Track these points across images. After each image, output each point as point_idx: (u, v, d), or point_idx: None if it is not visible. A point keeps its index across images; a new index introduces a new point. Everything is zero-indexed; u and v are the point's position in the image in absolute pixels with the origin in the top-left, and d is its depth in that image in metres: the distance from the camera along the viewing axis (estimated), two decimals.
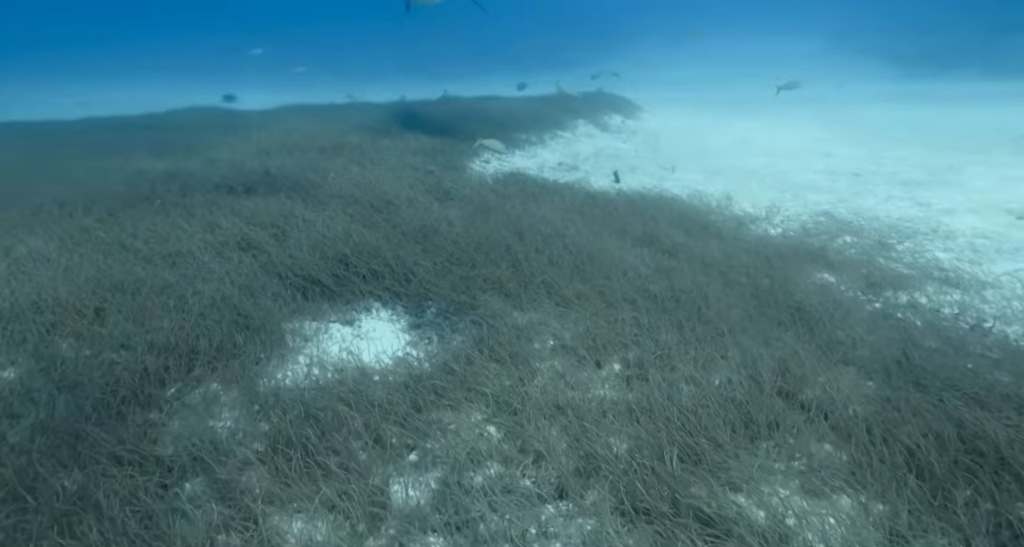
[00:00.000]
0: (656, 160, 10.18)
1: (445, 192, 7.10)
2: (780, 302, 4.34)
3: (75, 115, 12.31)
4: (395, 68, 34.65)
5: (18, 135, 9.62)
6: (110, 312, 3.89)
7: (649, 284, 4.59)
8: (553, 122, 12.13)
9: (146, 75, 29.92)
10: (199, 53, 35.34)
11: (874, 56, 27.73)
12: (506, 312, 4.32)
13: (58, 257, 4.58)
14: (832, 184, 8.23)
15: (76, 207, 5.71)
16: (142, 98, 21.01)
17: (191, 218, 5.41)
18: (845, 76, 23.43)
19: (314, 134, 8.81)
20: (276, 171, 6.79)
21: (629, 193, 7.48)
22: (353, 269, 4.77)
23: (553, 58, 33.23)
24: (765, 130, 12.78)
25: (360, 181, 6.76)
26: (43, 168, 7.25)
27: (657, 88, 22.35)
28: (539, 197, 6.98)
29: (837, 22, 32.65)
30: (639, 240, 5.68)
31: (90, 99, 19.14)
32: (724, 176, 8.96)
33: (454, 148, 9.19)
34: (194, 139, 8.54)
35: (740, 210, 7.13)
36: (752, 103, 17.58)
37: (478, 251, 5.13)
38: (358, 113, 11.82)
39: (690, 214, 6.61)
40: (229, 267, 4.53)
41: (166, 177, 6.63)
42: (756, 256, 5.33)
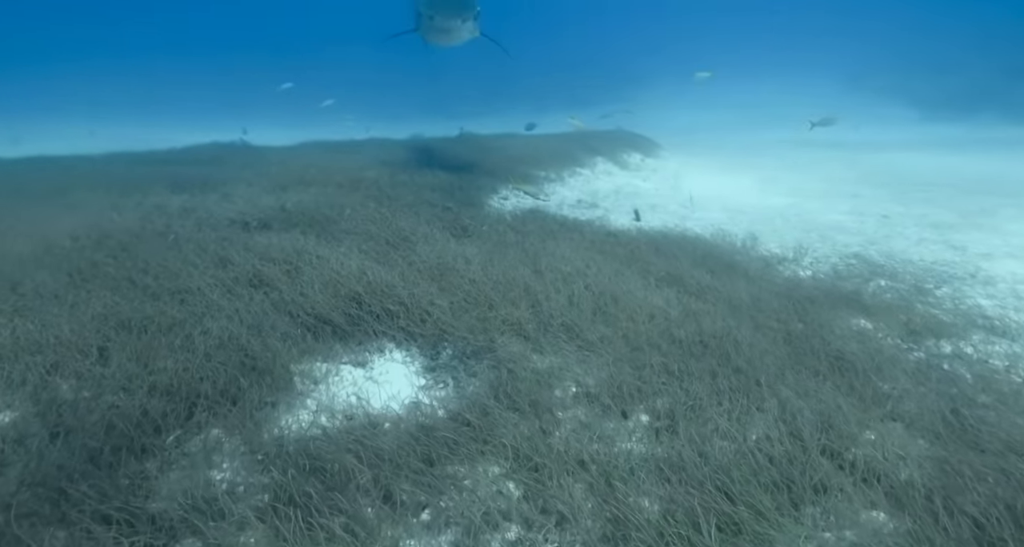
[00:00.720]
0: (677, 199, 10.02)
1: (463, 228, 6.96)
2: (817, 349, 4.10)
3: (88, 146, 12.44)
4: (413, 106, 35.13)
5: (39, 169, 9.67)
6: (114, 351, 3.73)
7: (676, 328, 4.37)
8: (572, 159, 12.05)
9: (171, 108, 30.53)
10: (223, 87, 36.08)
11: (891, 97, 27.68)
12: (525, 356, 4.12)
13: (65, 293, 4.45)
14: (860, 226, 8.00)
15: (89, 241, 5.62)
16: (160, 131, 21.36)
17: (203, 253, 5.29)
18: (863, 118, 23.33)
19: (331, 169, 8.76)
20: (292, 206, 6.69)
21: (651, 232, 7.29)
22: (367, 308, 4.60)
23: (568, 97, 33.52)
24: (786, 170, 12.62)
25: (376, 217, 6.64)
26: (60, 201, 7.21)
27: (672, 128, 22.38)
28: (558, 235, 6.82)
29: (852, 62, 32.74)
30: (663, 280, 5.47)
31: (101, 129, 19.45)
32: (747, 215, 8.77)
33: (472, 184, 9.09)
34: (212, 174, 8.51)
35: (766, 250, 6.91)
36: (771, 144, 17.49)
37: (496, 290, 4.94)
38: (376, 149, 11.82)
39: (715, 254, 6.40)
40: (239, 305, 4.37)
41: (181, 212, 6.56)
42: (787, 299, 5.10)
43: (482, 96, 36.75)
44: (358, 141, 13.22)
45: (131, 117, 28.66)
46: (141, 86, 36.23)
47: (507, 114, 33.01)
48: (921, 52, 30.68)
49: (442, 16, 7.64)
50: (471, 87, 37.54)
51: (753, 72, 37.10)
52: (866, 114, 23.92)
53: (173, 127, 25.21)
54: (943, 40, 30.89)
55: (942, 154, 15.19)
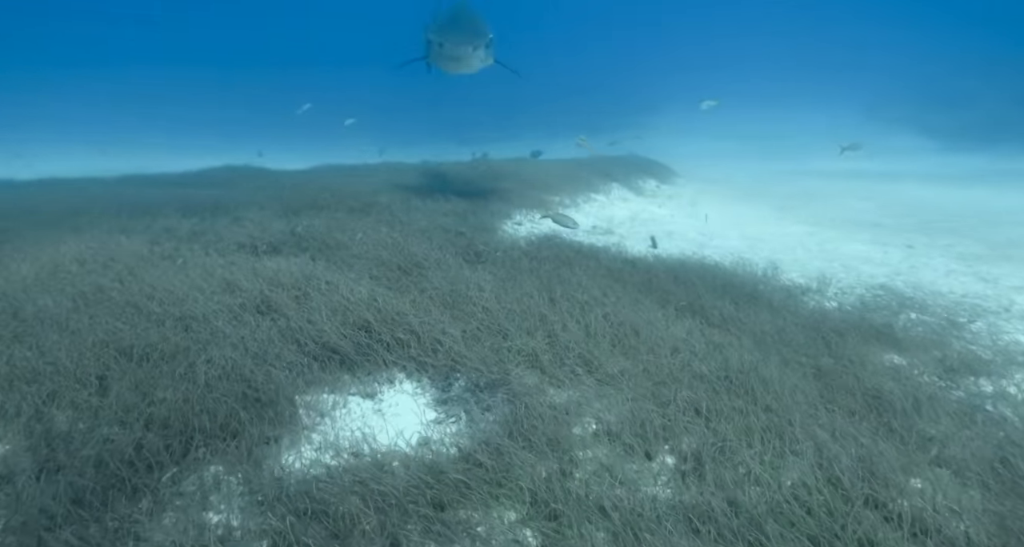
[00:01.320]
0: (694, 226, 9.85)
1: (476, 254, 6.81)
2: (850, 387, 3.87)
3: (100, 165, 12.48)
4: (426, 131, 35.36)
5: (52, 191, 9.66)
6: (113, 381, 3.56)
7: (699, 362, 4.16)
8: (586, 185, 11.93)
9: (186, 129, 30.85)
10: (240, 107, 36.54)
11: (907, 127, 27.52)
12: (541, 389, 3.92)
13: (67, 319, 4.31)
14: (884, 256, 7.78)
15: (95, 265, 5.51)
16: (174, 152, 21.52)
17: (210, 278, 5.15)
18: (879, 148, 23.16)
19: (344, 193, 8.67)
20: (302, 231, 6.58)
21: (669, 259, 7.11)
22: (376, 336, 4.43)
23: (580, 122, 33.57)
24: (803, 199, 12.43)
25: (388, 242, 6.50)
26: (70, 224, 7.13)
27: (685, 155, 22.30)
28: (573, 262, 6.65)
29: (867, 93, 32.69)
30: (683, 311, 5.27)
31: (113, 148, 19.59)
32: (767, 244, 8.57)
33: (485, 210, 8.97)
34: (223, 198, 8.44)
35: (788, 280, 6.71)
36: (787, 173, 17.36)
37: (510, 319, 4.76)
38: (389, 173, 11.76)
39: (736, 283, 6.20)
40: (245, 332, 4.21)
41: (191, 236, 6.45)
42: (813, 332, 4.88)
43: (494, 121, 36.99)
44: (371, 165, 13.19)
45: (145, 137, 28.98)
46: (156, 105, 36.75)
47: (520, 139, 33.14)
48: (935, 83, 30.61)
49: (452, 44, 7.36)
50: (484, 112, 37.81)
51: (767, 102, 37.18)
52: (882, 144, 23.73)
53: (187, 149, 25.46)
54: (956, 72, 30.84)
55: (963, 185, 14.95)
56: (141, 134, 29.65)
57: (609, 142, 19.50)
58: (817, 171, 17.54)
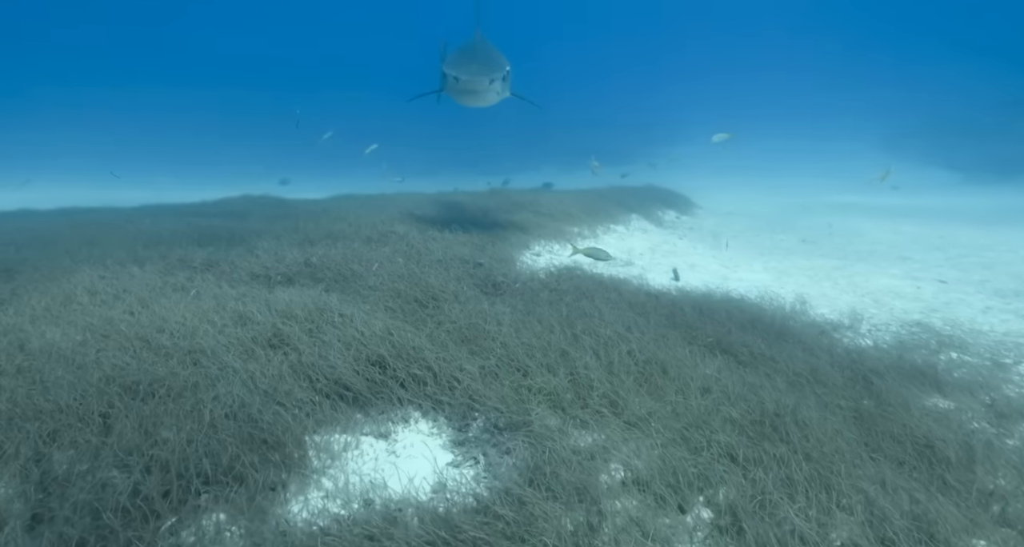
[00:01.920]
0: (716, 258, 9.62)
1: (494, 286, 6.64)
2: (896, 434, 3.61)
3: (111, 188, 12.54)
4: (443, 160, 35.63)
5: (71, 221, 9.66)
6: (117, 419, 3.40)
7: (732, 404, 3.92)
8: (606, 216, 11.78)
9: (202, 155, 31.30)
10: (265, 135, 37.12)
11: (928, 160, 27.23)
12: (564, 431, 3.71)
13: (74, 352, 4.16)
14: (917, 291, 7.50)
15: (107, 296, 5.39)
16: (192, 179, 21.73)
17: (222, 310, 5.01)
18: (901, 181, 22.90)
19: (360, 223, 8.57)
20: (317, 261, 6.45)
21: (693, 293, 6.88)
22: (391, 373, 4.24)
23: (596, 152, 33.66)
24: (827, 231, 12.17)
25: (405, 273, 6.35)
26: (86, 254, 7.07)
27: (703, 186, 22.16)
28: (594, 294, 6.45)
29: (887, 126, 32.49)
30: (712, 348, 5.04)
31: (125, 172, 19.76)
32: (793, 277, 8.33)
33: (504, 240, 8.82)
34: (239, 228, 8.37)
35: (818, 315, 6.45)
36: (808, 206, 17.12)
37: (530, 355, 4.56)
38: (406, 202, 11.69)
39: (764, 319, 5.96)
40: (255, 368, 4.04)
41: (204, 266, 6.34)
42: (850, 372, 4.64)
43: (512, 151, 37.20)
44: (388, 194, 13.15)
45: (168, 166, 29.41)
46: (179, 131, 37.44)
47: (537, 170, 33.31)
48: (955, 117, 30.37)
49: (468, 77, 7.08)
50: (501, 142, 38.07)
51: (785, 134, 37.15)
52: (904, 177, 23.47)
53: (209, 177, 25.74)
54: (976, 105, 30.58)
55: (990, 218, 14.60)
56: (165, 163, 30.11)
57: (621, 174, 19.39)
58: (838, 203, 17.30)
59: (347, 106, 44.75)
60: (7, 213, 10.88)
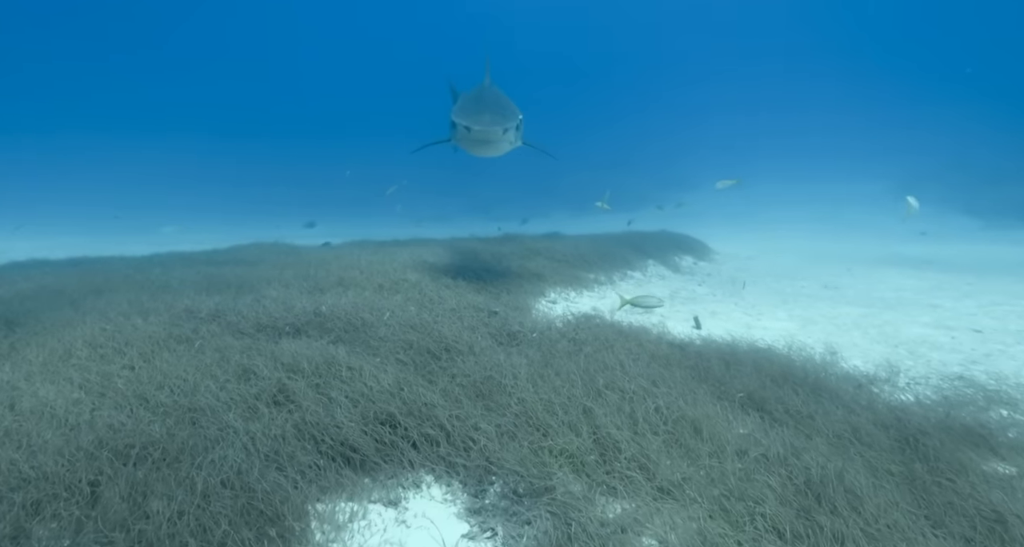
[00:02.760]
0: (738, 305, 9.32)
1: (509, 336, 6.38)
2: (958, 506, 3.27)
3: (112, 230, 12.51)
4: (456, 206, 35.83)
5: (79, 270, 9.55)
6: (106, 488, 3.13)
7: (772, 468, 3.60)
8: (622, 261, 11.55)
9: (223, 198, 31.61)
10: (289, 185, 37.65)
11: (948, 206, 26.96)
12: (590, 499, 3.40)
13: (67, 413, 3.93)
14: (953, 342, 7.15)
15: (108, 349, 5.18)
16: (208, 223, 21.80)
17: (226, 364, 4.78)
18: (921, 227, 22.63)
19: (372, 271, 8.38)
20: (327, 310, 6.23)
21: (718, 342, 6.58)
22: (402, 432, 3.97)
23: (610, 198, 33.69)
24: (849, 278, 11.86)
25: (417, 323, 6.11)
26: (91, 304, 6.88)
27: (716, 231, 21.97)
28: (615, 344, 6.16)
29: (903, 172, 32.35)
30: (744, 404, 4.73)
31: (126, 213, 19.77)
32: (819, 325, 8.00)
33: (518, 287, 8.60)
34: (248, 276, 8.20)
35: (851, 367, 6.12)
36: (827, 250, 16.85)
37: (550, 412, 4.27)
38: (419, 248, 11.54)
39: (795, 372, 5.63)
40: (257, 427, 3.78)
41: (211, 316, 6.13)
42: (896, 431, 4.30)
43: (523, 197, 37.40)
44: (400, 240, 13.03)
45: (176, 206, 29.67)
46: (197, 178, 37.95)
47: (548, 215, 33.34)
48: (977, 161, 30.25)
49: (481, 126, 6.69)
50: (512, 188, 38.31)
51: (800, 177, 37.13)
52: (924, 223, 23.22)
53: (226, 223, 25.88)
54: (999, 149, 30.48)
55: (1018, 265, 14.25)
56: (193, 211, 30.43)
57: (627, 221, 19.24)
58: (857, 248, 17.00)
59: (363, 152, 45.55)
60: (18, 263, 10.80)
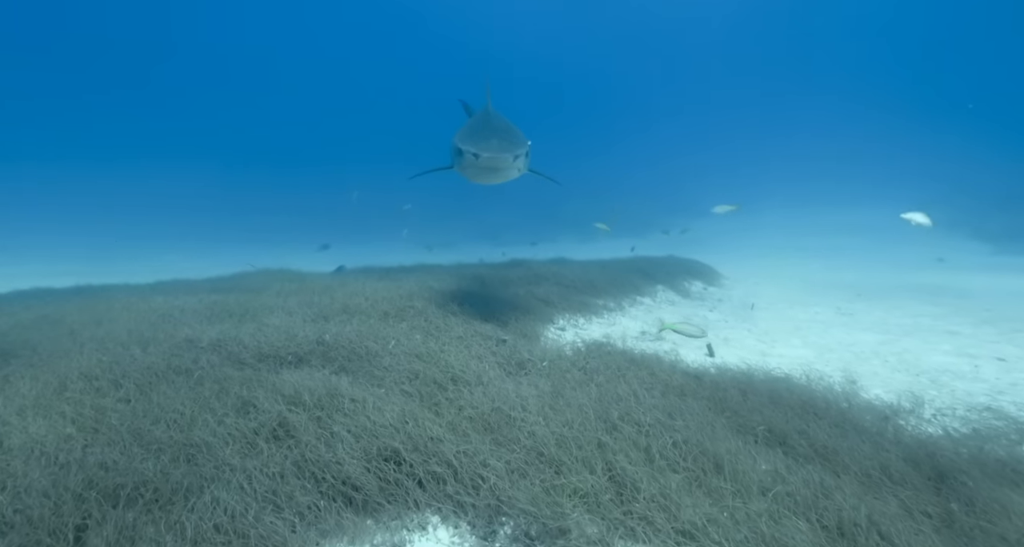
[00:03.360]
0: (751, 331, 9.11)
1: (518, 365, 6.19)
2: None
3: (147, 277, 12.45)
4: (463, 232, 35.80)
5: (83, 299, 9.43)
6: (92, 533, 2.96)
7: (801, 511, 3.38)
8: (631, 287, 11.36)
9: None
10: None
11: (956, 230, 26.70)
12: (608, 543, 3.19)
13: (57, 449, 3.76)
14: (976, 370, 6.91)
15: (104, 382, 5.01)
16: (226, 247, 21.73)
17: (225, 396, 4.60)
18: (930, 252, 22.37)
19: (377, 298, 8.22)
20: (331, 339, 6.06)
21: (733, 371, 6.36)
22: (407, 469, 3.77)
23: (615, 224, 33.67)
24: (863, 303, 11.62)
25: (423, 351, 5.94)
26: (90, 333, 6.73)
27: (725, 256, 21.78)
28: (627, 373, 5.96)
29: (911, 196, 32.18)
30: (765, 438, 4.51)
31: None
32: (836, 353, 7.77)
33: (527, 314, 8.41)
34: (253, 303, 8.05)
35: (873, 397, 5.90)
36: (838, 274, 16.61)
37: (562, 448, 4.08)
38: (425, 275, 11.39)
39: (816, 403, 5.41)
40: (255, 464, 3.59)
41: (212, 346, 5.97)
42: (928, 468, 4.08)
43: (529, 222, 37.35)
44: (406, 267, 12.89)
45: (193, 237, 29.71)
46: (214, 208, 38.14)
47: (555, 240, 33.24)
48: (986, 187, 30.07)
49: (490, 153, 6.36)
50: (519, 214, 38.29)
51: (807, 202, 37.01)
52: (934, 248, 22.99)
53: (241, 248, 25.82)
54: (1007, 175, 30.31)
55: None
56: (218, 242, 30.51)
57: (630, 248, 19.06)
58: (870, 274, 16.76)
59: (371, 178, 45.81)
60: (21, 292, 10.69)
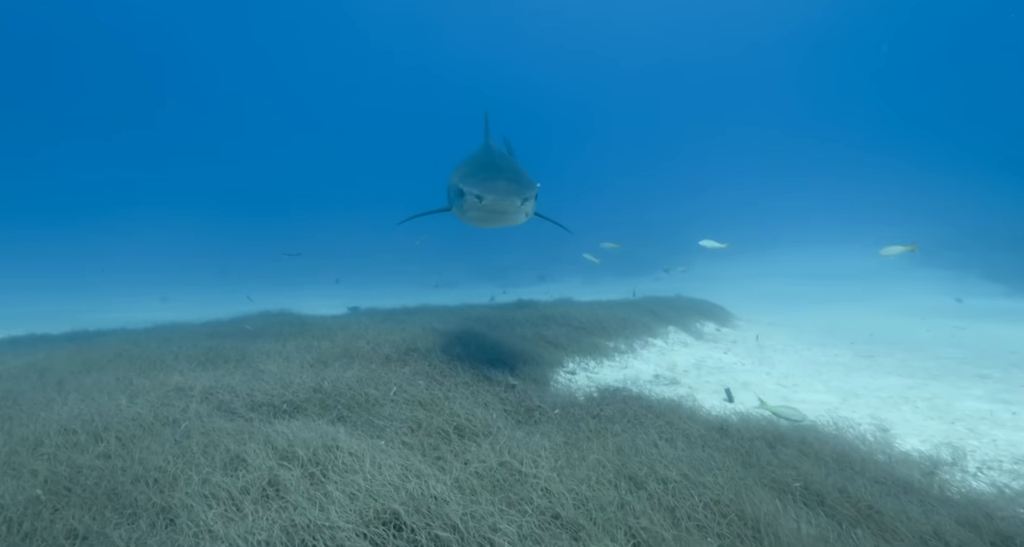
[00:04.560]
0: (770, 375, 8.71)
1: (528, 412, 5.83)
2: None
3: (158, 316, 12.17)
4: (468, 272, 35.60)
5: (75, 344, 9.12)
6: None
7: None
8: (642, 328, 11.00)
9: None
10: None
11: (967, 271, 26.39)
12: None
13: (22, 516, 3.40)
14: (1015, 418, 6.49)
15: (83, 436, 4.63)
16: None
17: (213, 450, 4.24)
18: (943, 293, 22.02)
19: (380, 341, 7.88)
20: (329, 386, 5.71)
21: (757, 418, 5.96)
22: (408, 535, 3.38)
23: (618, 267, 33.52)
24: (884, 345, 11.20)
25: (426, 398, 5.58)
26: (77, 383, 6.35)
27: (733, 296, 21.45)
28: (645, 422, 5.59)
29: (921, 237, 31.96)
30: (802, 496, 4.11)
31: (177, 296, 19.28)
32: (862, 399, 7.36)
33: (536, 357, 8.05)
34: (251, 348, 7.71)
35: (910, 448, 5.50)
36: (852, 315, 16.23)
37: (580, 508, 3.69)
38: (430, 316, 11.07)
39: (851, 455, 5.01)
40: (238, 531, 3.21)
41: (203, 394, 5.61)
42: (990, 534, 3.67)
43: (534, 262, 37.16)
44: (411, 308, 12.58)
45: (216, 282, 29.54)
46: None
47: (561, 280, 32.99)
48: (994, 230, 29.85)
49: (495, 196, 5.70)
50: (523, 254, 38.14)
51: (813, 242, 36.81)
52: (948, 289, 22.64)
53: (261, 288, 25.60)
54: (1012, 219, 30.11)
55: None
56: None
57: (632, 292, 18.75)
58: (886, 316, 16.37)
59: (380, 217, 46.08)
60: (15, 339, 10.38)
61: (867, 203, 43.82)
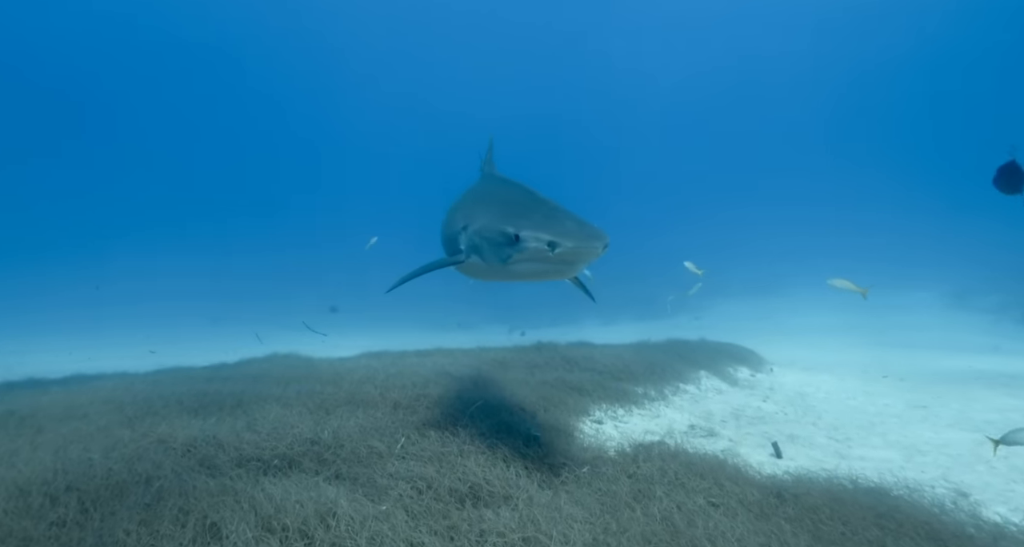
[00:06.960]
0: (817, 426, 7.90)
1: (552, 470, 5.09)
2: None
3: (146, 364, 11.65)
4: (482, 314, 34.92)
5: (66, 389, 8.53)
6: None
7: None
8: (673, 373, 10.22)
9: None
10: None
11: (1002, 315, 25.31)
12: None
13: None
14: None
15: (40, 497, 3.99)
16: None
17: (186, 518, 3.58)
18: (974, 338, 21.01)
19: (389, 385, 7.22)
20: (329, 437, 5.05)
21: (814, 480, 5.18)
22: None
23: (636, 310, 32.79)
24: (933, 396, 10.29)
25: (438, 453, 4.90)
26: (52, 434, 5.68)
27: (765, 338, 20.56)
28: (688, 484, 4.84)
29: (953, 280, 30.93)
30: None
31: (163, 348, 18.56)
32: (929, 456, 6.55)
33: (559, 404, 7.35)
34: (249, 392, 7.06)
35: (998, 517, 4.71)
36: (893, 362, 15.31)
37: None
38: (443, 359, 10.40)
39: (939, 529, 4.23)
40: None
41: (186, 448, 4.95)
42: None
43: (550, 304, 36.38)
44: (423, 350, 11.92)
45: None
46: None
47: (578, 322, 32.19)
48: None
49: (577, 242, 4.24)
50: (538, 296, 37.41)
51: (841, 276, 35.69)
52: (981, 335, 21.61)
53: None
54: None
55: None
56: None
57: (641, 337, 17.93)
58: (925, 361, 15.44)
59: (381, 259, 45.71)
60: (9, 383, 9.78)
61: (894, 240, 42.88)
